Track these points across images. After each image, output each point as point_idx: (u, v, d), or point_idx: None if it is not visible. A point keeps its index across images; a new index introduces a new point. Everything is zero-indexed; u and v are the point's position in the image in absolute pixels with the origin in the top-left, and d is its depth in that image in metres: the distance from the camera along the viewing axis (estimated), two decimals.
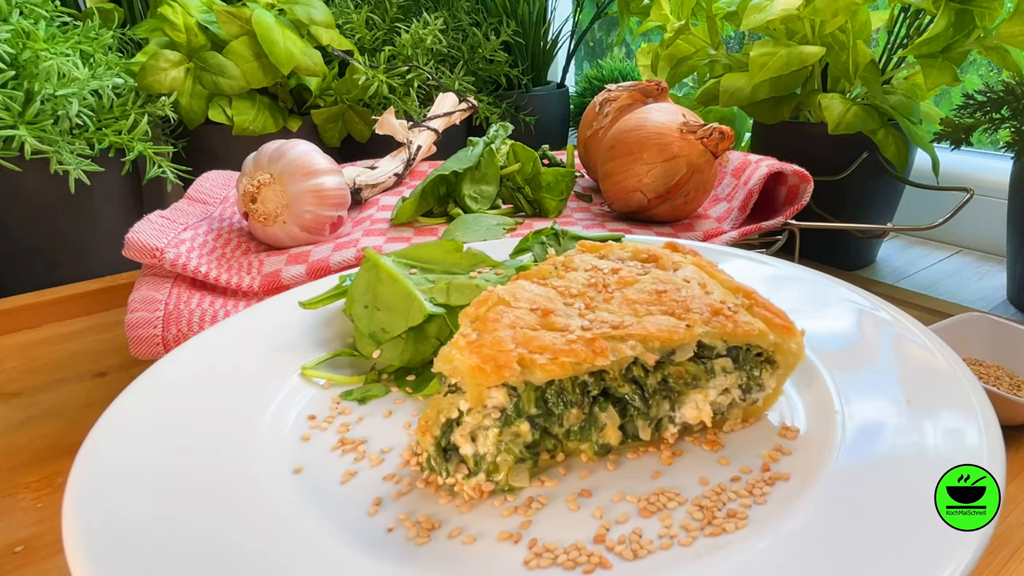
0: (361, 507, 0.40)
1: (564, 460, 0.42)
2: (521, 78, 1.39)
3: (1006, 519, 0.47)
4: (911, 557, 0.31)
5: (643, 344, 0.40)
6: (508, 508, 0.39)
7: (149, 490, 0.39)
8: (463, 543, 0.37)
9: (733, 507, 0.37)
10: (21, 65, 0.87)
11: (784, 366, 0.44)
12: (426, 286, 0.53)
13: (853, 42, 0.86)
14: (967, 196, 0.79)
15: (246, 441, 0.44)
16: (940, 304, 0.80)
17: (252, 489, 0.40)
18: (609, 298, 0.43)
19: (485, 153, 0.86)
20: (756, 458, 0.41)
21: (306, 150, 0.77)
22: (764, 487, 0.39)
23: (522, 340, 0.39)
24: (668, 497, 0.39)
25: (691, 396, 0.42)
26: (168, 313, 0.63)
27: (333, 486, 0.41)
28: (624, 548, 0.35)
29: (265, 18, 1.06)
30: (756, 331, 0.42)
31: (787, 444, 0.42)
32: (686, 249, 0.50)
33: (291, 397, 0.49)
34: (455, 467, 0.39)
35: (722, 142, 0.75)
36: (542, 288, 0.44)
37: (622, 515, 0.38)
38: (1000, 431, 0.38)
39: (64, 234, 0.94)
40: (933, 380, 0.43)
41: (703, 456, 0.42)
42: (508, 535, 0.37)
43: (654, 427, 0.42)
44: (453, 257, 0.57)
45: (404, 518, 0.38)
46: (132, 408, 0.45)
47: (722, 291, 0.44)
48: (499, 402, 0.38)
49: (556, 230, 0.62)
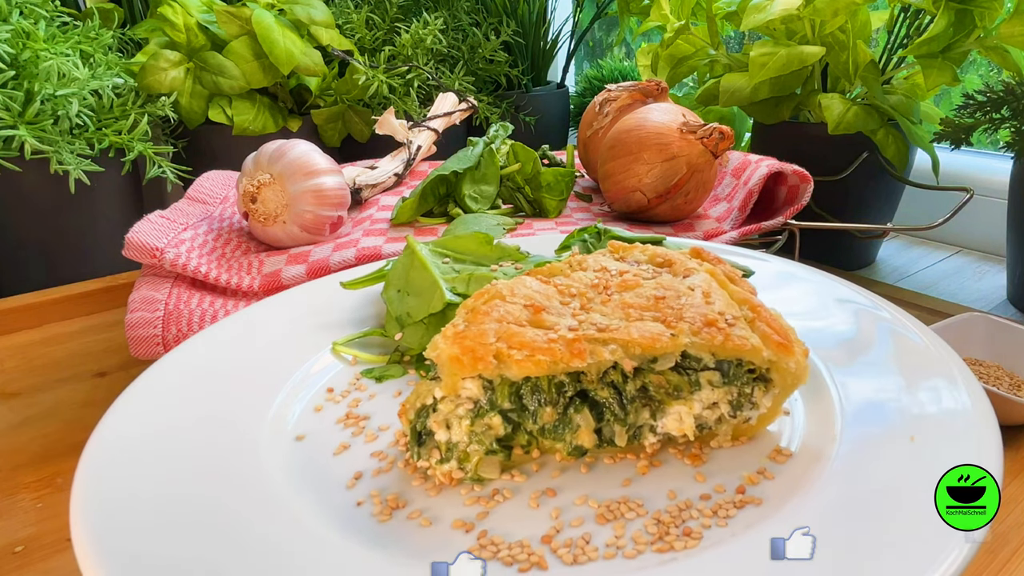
0: (342, 479, 0.41)
1: (539, 457, 0.42)
2: (521, 78, 1.39)
3: (1006, 519, 0.47)
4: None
5: (624, 349, 0.39)
6: (472, 497, 0.40)
7: (162, 457, 0.41)
8: (419, 525, 0.38)
9: (691, 525, 0.36)
10: (21, 65, 0.87)
11: (781, 386, 0.42)
12: (452, 275, 0.55)
13: (853, 42, 0.86)
14: (967, 196, 0.79)
15: (261, 406, 0.47)
16: (940, 304, 0.80)
17: (248, 453, 0.42)
18: (606, 300, 0.42)
19: (485, 153, 0.86)
20: (735, 478, 0.40)
21: (306, 150, 0.77)
22: (731, 509, 0.37)
23: (504, 335, 0.39)
24: (629, 507, 0.38)
25: (674, 407, 0.41)
26: (168, 313, 0.63)
27: (325, 456, 0.44)
28: (566, 552, 0.35)
29: (265, 18, 1.06)
30: (749, 346, 0.40)
31: (773, 467, 0.40)
32: (710, 256, 0.48)
33: (317, 370, 0.52)
34: (428, 452, 0.40)
35: (722, 142, 0.75)
36: (543, 285, 0.44)
37: (577, 519, 0.38)
38: (999, 431, 0.38)
39: (64, 234, 0.94)
40: (935, 382, 0.43)
41: (681, 470, 0.41)
42: (463, 523, 0.38)
43: (632, 435, 0.41)
44: (483, 249, 0.59)
45: (375, 494, 0.40)
46: (169, 370, 0.49)
47: (725, 302, 0.42)
48: (473, 393, 0.39)
49: (599, 228, 0.61)
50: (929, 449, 0.37)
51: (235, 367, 0.50)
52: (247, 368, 0.50)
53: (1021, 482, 0.51)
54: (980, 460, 0.35)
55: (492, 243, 0.59)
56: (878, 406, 0.43)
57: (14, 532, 0.49)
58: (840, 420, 0.42)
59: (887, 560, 0.31)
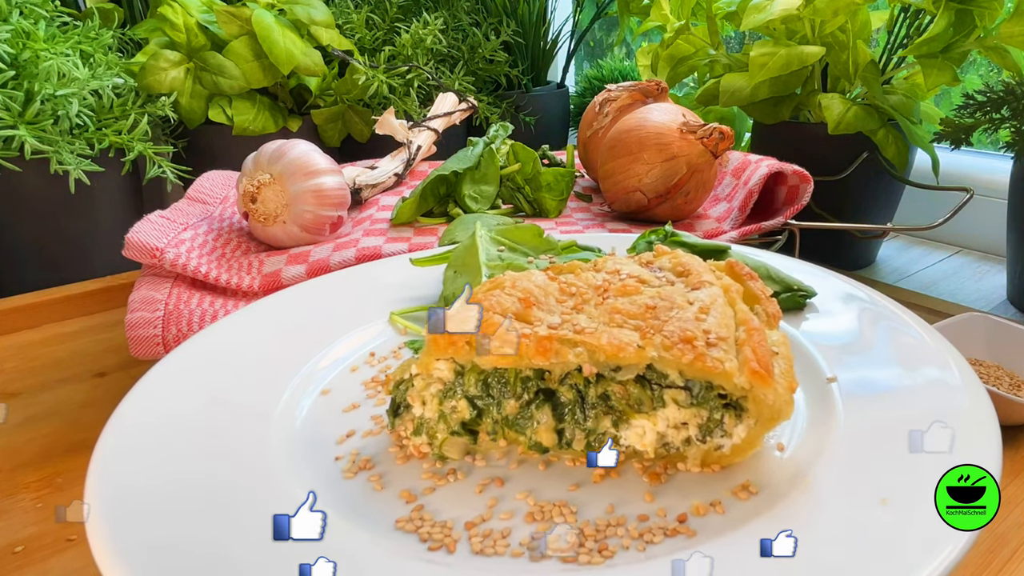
0: (337, 434, 0.45)
1: (506, 447, 0.43)
2: (521, 78, 1.39)
3: (1006, 519, 0.47)
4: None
5: (589, 354, 0.39)
6: (430, 472, 0.42)
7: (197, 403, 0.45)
8: (372, 488, 0.40)
9: (610, 543, 0.35)
10: (21, 65, 0.87)
11: (759, 418, 0.39)
12: (496, 262, 0.58)
13: (853, 42, 0.86)
14: (967, 196, 0.79)
15: (301, 360, 0.51)
16: (940, 304, 0.81)
17: (273, 401, 0.46)
18: (599, 303, 0.42)
19: (485, 153, 0.86)
20: (683, 505, 0.38)
21: (306, 150, 0.77)
22: (659, 536, 0.36)
23: (484, 323, 0.40)
24: (562, 511, 0.38)
25: (638, 421, 0.40)
26: (168, 313, 0.63)
27: (336, 412, 0.47)
28: (477, 540, 0.36)
29: (265, 18, 1.06)
30: (719, 370, 0.37)
31: (729, 502, 0.38)
32: (743, 273, 0.46)
33: (368, 336, 0.56)
34: (404, 423, 0.43)
35: (722, 142, 0.75)
36: (547, 281, 0.44)
37: (508, 512, 0.38)
38: (1000, 431, 0.38)
39: (64, 234, 0.94)
40: (936, 380, 0.43)
41: (635, 486, 0.40)
42: (408, 494, 0.40)
43: (592, 441, 0.41)
44: (535, 241, 0.63)
45: (354, 454, 0.43)
46: (262, 315, 0.56)
47: (719, 321, 0.40)
48: (444, 375, 0.41)
49: (668, 232, 0.60)
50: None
51: (300, 323, 0.56)
52: (307, 328, 0.55)
53: (1021, 482, 0.51)
54: (980, 460, 0.35)
55: (543, 235, 0.62)
56: (878, 404, 0.43)
57: (14, 532, 0.49)
58: (819, 460, 0.39)
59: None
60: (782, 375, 0.38)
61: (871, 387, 0.45)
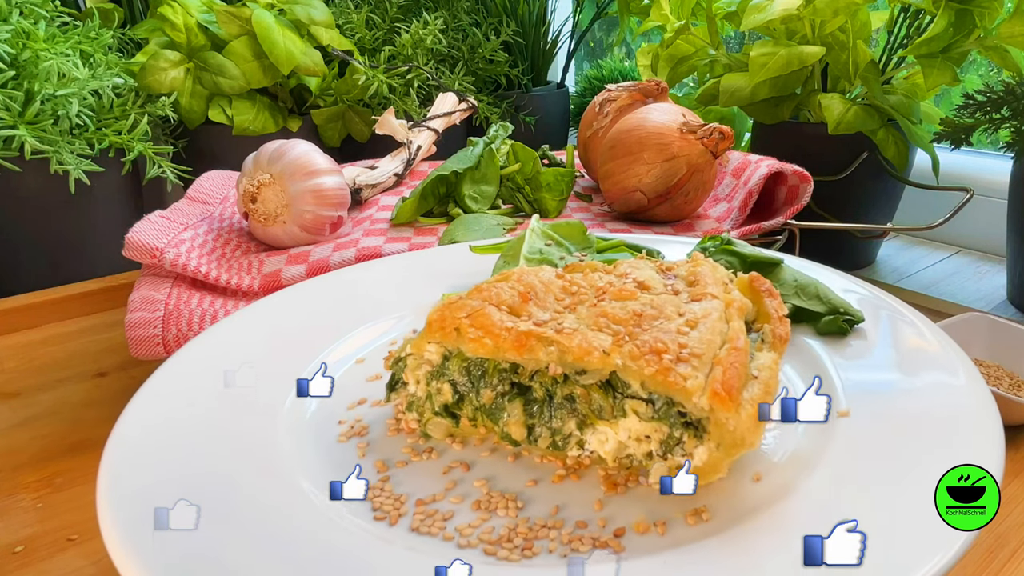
0: (350, 400, 0.47)
1: (485, 434, 0.44)
2: (521, 78, 1.39)
3: (1006, 519, 0.47)
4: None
5: (559, 354, 0.39)
6: (410, 447, 0.43)
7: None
8: (356, 454, 0.43)
9: (538, 544, 0.35)
10: (21, 65, 0.87)
11: (721, 443, 0.37)
12: (536, 256, 0.59)
13: (853, 42, 0.86)
14: (967, 196, 0.79)
15: (340, 326, 0.54)
16: (940, 304, 0.80)
17: (301, 361, 0.50)
18: (593, 305, 0.42)
19: (485, 153, 0.86)
20: (626, 519, 0.37)
21: (306, 150, 0.77)
22: (587, 546, 0.35)
23: (474, 312, 0.41)
24: (508, 504, 0.38)
25: (602, 427, 0.40)
26: (168, 313, 0.63)
27: (361, 382, 0.49)
28: (419, 518, 0.37)
29: (265, 18, 1.06)
30: (679, 386, 0.36)
31: (674, 524, 0.36)
32: (762, 289, 0.45)
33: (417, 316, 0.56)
34: (399, 397, 0.45)
35: (722, 142, 0.75)
36: (553, 279, 0.45)
37: (459, 496, 0.39)
38: (1002, 431, 0.38)
39: (64, 234, 0.94)
40: (937, 379, 0.43)
41: (591, 492, 0.39)
42: (382, 465, 0.42)
43: (556, 440, 0.41)
44: (576, 238, 0.64)
45: (356, 420, 0.45)
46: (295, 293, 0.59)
47: (702, 337, 0.38)
48: (434, 358, 0.43)
49: (723, 239, 0.59)
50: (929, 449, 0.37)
51: (350, 295, 0.59)
52: (356, 303, 0.58)
53: (1021, 482, 0.51)
54: (980, 460, 0.35)
55: (584, 233, 0.64)
56: (878, 397, 0.42)
57: (14, 532, 0.49)
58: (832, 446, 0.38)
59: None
60: (751, 401, 0.36)
61: (874, 387, 0.44)
